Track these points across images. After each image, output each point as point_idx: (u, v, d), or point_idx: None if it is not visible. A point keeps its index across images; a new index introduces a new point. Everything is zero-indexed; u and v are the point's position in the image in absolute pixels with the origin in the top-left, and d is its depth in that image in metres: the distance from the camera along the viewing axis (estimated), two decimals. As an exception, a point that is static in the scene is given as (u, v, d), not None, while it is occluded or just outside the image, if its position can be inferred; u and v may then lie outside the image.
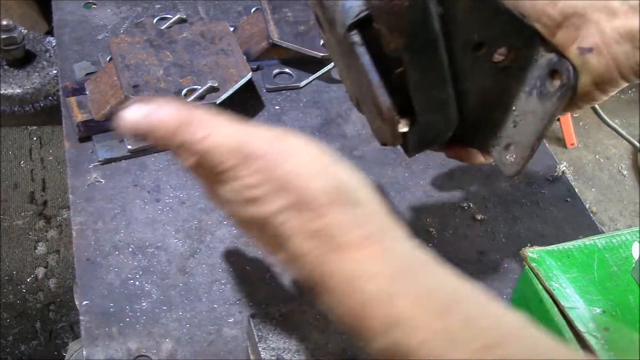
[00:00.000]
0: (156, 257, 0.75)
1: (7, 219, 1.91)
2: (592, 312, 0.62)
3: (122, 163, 0.83)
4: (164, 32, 0.89)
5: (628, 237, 0.68)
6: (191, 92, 0.82)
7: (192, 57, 0.86)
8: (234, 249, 0.77)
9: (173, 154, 0.50)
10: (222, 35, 0.90)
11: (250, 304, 0.72)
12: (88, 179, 0.81)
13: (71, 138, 0.84)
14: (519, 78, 0.53)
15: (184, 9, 1.00)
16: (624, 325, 0.61)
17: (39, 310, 1.75)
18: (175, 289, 0.72)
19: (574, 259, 0.66)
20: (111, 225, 0.77)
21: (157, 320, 0.70)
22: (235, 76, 0.85)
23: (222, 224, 0.79)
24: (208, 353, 0.68)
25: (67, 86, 0.87)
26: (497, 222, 0.83)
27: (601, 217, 2.19)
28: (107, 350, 0.67)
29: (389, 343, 0.40)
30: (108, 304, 0.70)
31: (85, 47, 0.96)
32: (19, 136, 2.11)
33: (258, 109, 0.92)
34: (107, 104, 0.83)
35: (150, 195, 0.81)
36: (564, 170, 0.89)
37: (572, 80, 0.49)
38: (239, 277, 0.74)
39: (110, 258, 0.74)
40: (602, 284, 0.64)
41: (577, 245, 0.67)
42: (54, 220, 1.93)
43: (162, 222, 0.78)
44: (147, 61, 0.85)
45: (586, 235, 0.69)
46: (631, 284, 0.64)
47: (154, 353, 0.67)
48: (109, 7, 1.03)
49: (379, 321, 0.40)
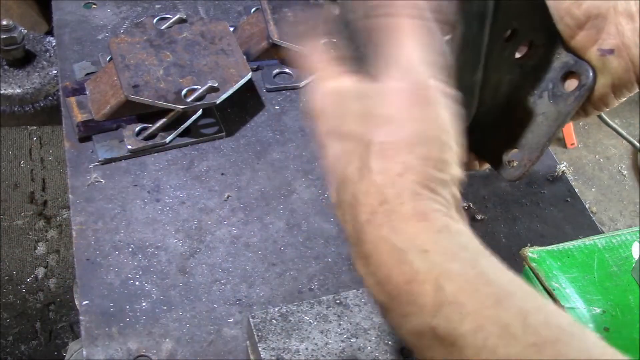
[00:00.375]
0: (156, 257, 0.75)
1: (7, 219, 1.91)
2: (592, 312, 0.62)
3: (122, 163, 0.83)
4: (164, 32, 0.89)
5: (628, 237, 0.68)
6: (191, 92, 0.82)
7: (192, 57, 0.86)
8: (233, 249, 0.77)
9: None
10: (222, 35, 0.90)
11: (250, 304, 0.72)
12: (88, 179, 0.81)
13: (71, 138, 0.84)
14: (532, 77, 0.53)
15: (184, 9, 1.00)
16: (624, 325, 0.61)
17: (39, 310, 1.75)
18: (175, 289, 0.72)
19: (574, 259, 0.66)
20: (111, 225, 0.77)
21: (157, 320, 0.70)
22: (235, 76, 0.85)
23: (222, 224, 0.79)
24: (208, 353, 0.68)
25: (67, 86, 0.87)
26: (497, 222, 0.83)
27: (601, 217, 2.19)
28: (107, 350, 0.67)
29: (434, 325, 0.38)
30: (108, 304, 0.70)
31: (85, 47, 0.96)
32: (19, 136, 2.11)
33: (258, 109, 0.92)
34: (107, 104, 0.83)
35: (150, 195, 0.81)
36: (564, 170, 0.89)
37: (591, 81, 0.49)
38: (239, 277, 0.74)
39: (110, 258, 0.74)
40: (602, 284, 0.64)
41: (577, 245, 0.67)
42: (54, 220, 1.93)
43: (162, 222, 0.78)
44: (147, 61, 0.85)
45: (586, 235, 0.69)
46: (631, 284, 0.64)
47: (154, 353, 0.67)
48: (109, 7, 1.03)
49: (424, 300, 0.38)
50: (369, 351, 0.60)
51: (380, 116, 0.42)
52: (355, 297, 0.64)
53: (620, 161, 2.37)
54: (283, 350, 0.59)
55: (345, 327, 0.61)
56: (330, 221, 0.81)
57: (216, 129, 0.88)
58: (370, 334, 0.61)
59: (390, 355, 0.60)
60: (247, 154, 0.87)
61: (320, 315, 0.62)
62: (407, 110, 0.41)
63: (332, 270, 0.76)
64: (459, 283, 0.38)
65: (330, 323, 0.61)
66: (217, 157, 0.86)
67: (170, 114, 0.84)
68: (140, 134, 0.84)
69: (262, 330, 0.60)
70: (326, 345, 0.60)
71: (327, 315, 0.62)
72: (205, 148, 0.87)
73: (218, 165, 0.85)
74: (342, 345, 0.60)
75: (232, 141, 0.88)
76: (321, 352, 0.59)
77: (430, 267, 0.39)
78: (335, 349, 0.60)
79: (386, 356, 0.60)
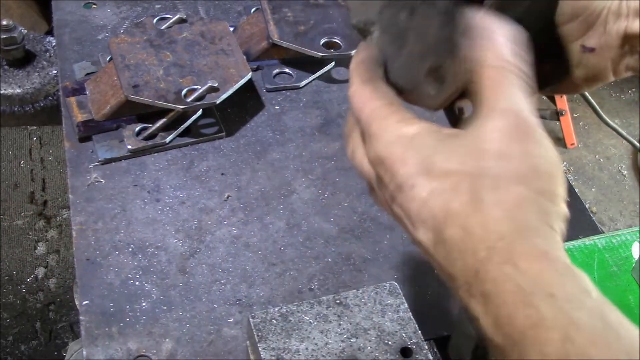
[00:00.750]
0: (156, 257, 0.75)
1: (7, 219, 1.91)
2: (592, 312, 0.62)
3: (122, 163, 0.83)
4: (164, 32, 0.89)
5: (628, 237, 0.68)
6: (191, 92, 0.82)
7: (192, 57, 0.86)
8: (233, 249, 0.77)
9: None
10: (222, 35, 0.90)
11: (250, 304, 0.72)
12: (88, 179, 0.81)
13: (71, 138, 0.84)
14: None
15: (184, 9, 1.00)
16: (624, 325, 0.61)
17: (39, 310, 1.75)
18: (175, 289, 0.72)
19: (574, 259, 0.66)
20: (111, 225, 0.77)
21: (157, 320, 0.70)
22: (235, 76, 0.85)
23: (222, 224, 0.79)
24: (208, 353, 0.68)
25: (67, 86, 0.87)
26: (497, 222, 0.83)
27: (601, 217, 2.19)
28: (107, 350, 0.67)
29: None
30: (108, 304, 0.70)
31: (85, 47, 0.96)
32: (19, 136, 2.11)
33: (258, 109, 0.92)
34: (107, 104, 0.83)
35: (150, 195, 0.81)
36: (564, 170, 0.89)
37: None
38: (239, 277, 0.74)
39: (110, 258, 0.74)
40: (602, 284, 0.64)
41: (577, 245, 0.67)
42: (54, 220, 1.93)
43: (162, 222, 0.78)
44: (147, 61, 0.85)
45: (586, 235, 0.69)
46: (631, 284, 0.64)
47: (154, 353, 0.67)
48: (109, 7, 1.03)
49: (549, 349, 0.36)
50: (369, 351, 0.60)
51: (488, 151, 0.40)
52: (355, 297, 0.64)
53: (620, 161, 2.37)
54: (283, 350, 0.59)
55: (345, 327, 0.61)
56: (330, 221, 0.81)
57: (216, 129, 0.88)
58: (370, 334, 0.61)
59: (390, 355, 0.60)
60: (247, 154, 0.87)
61: (320, 315, 0.62)
62: (517, 145, 0.40)
63: (332, 270, 0.76)
64: (589, 335, 0.36)
65: (330, 323, 0.61)
66: (217, 157, 0.86)
67: (170, 114, 0.84)
68: (140, 134, 0.84)
69: (262, 330, 0.60)
70: (326, 345, 0.60)
71: (327, 315, 0.62)
72: (205, 148, 0.87)
73: (218, 165, 0.85)
74: (342, 345, 0.60)
75: (232, 141, 0.88)
76: (321, 352, 0.59)
77: (558, 313, 0.37)
78: (335, 349, 0.60)
79: (386, 356, 0.60)
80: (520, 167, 0.39)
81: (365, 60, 0.46)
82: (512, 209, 0.38)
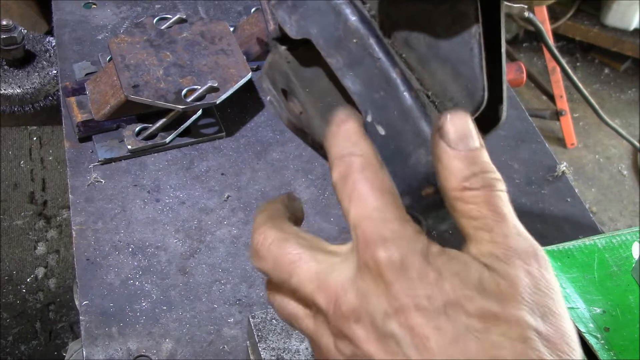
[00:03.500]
0: (156, 257, 0.75)
1: (7, 219, 1.91)
2: (592, 312, 0.62)
3: (122, 163, 0.83)
4: (164, 32, 0.89)
5: (628, 237, 0.68)
6: (191, 92, 0.82)
7: (192, 57, 0.86)
8: (233, 249, 0.77)
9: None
10: (222, 35, 0.90)
11: (250, 304, 0.72)
12: (88, 179, 0.81)
13: (71, 138, 0.84)
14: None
15: (184, 9, 1.00)
16: (624, 325, 0.61)
17: (39, 310, 1.75)
18: (175, 289, 0.72)
19: (574, 259, 0.66)
20: (111, 225, 0.77)
21: (157, 320, 0.70)
22: (235, 76, 0.85)
23: (222, 224, 0.79)
24: (208, 353, 0.68)
25: (67, 86, 0.87)
26: (497, 222, 0.83)
27: (601, 217, 2.19)
28: (107, 350, 0.67)
29: None
30: (108, 304, 0.70)
31: (85, 47, 0.96)
32: (19, 136, 2.11)
33: (258, 109, 0.92)
34: (107, 104, 0.83)
35: (150, 195, 0.81)
36: (564, 170, 0.89)
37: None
38: (239, 277, 0.74)
39: (110, 258, 0.74)
40: (602, 284, 0.64)
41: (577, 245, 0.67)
42: (54, 220, 1.93)
43: (162, 222, 0.78)
44: (147, 61, 0.85)
45: (586, 235, 0.69)
46: (631, 284, 0.64)
47: (154, 353, 0.67)
48: (109, 7, 1.03)
49: None
50: (369, 351, 0.60)
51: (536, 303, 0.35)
52: (355, 297, 0.63)
53: (620, 161, 2.37)
54: (283, 350, 0.59)
55: (345, 327, 0.61)
56: (330, 221, 0.81)
57: (216, 129, 0.88)
58: (370, 334, 0.61)
59: (390, 355, 0.60)
60: (247, 154, 0.87)
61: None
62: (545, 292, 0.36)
63: (332, 270, 0.76)
64: None
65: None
66: (217, 157, 0.86)
67: (170, 114, 0.84)
68: (140, 134, 0.84)
69: (262, 330, 0.60)
70: (326, 345, 0.60)
71: None
72: (205, 148, 0.87)
73: (218, 165, 0.85)
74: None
75: (232, 141, 0.88)
76: (321, 352, 0.59)
77: None
78: (335, 349, 0.60)
79: (386, 356, 0.60)
80: (567, 320, 0.37)
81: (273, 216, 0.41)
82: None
